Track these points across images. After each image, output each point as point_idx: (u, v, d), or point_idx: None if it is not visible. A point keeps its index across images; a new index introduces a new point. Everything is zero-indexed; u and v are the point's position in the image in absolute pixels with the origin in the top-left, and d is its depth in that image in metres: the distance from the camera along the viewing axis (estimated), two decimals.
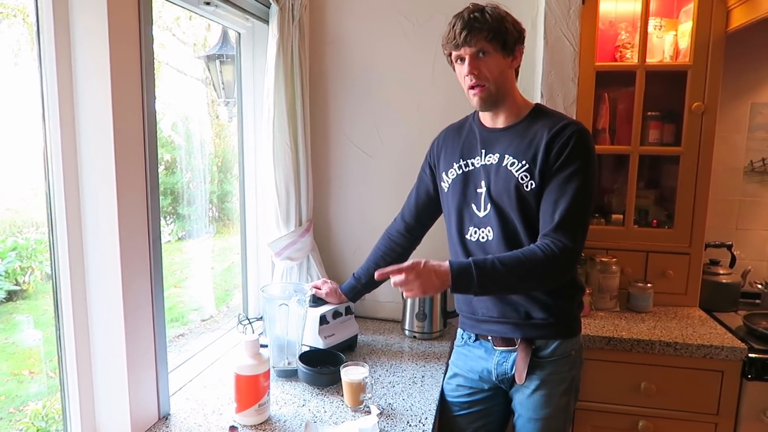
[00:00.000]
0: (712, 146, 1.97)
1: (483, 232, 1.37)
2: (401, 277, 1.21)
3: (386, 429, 1.28)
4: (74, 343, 1.18)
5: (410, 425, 1.30)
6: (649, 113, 2.05)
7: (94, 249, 1.16)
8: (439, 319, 1.88)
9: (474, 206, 1.39)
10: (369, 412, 1.33)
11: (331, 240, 2.12)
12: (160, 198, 1.27)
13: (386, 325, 2.01)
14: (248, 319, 1.83)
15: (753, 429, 1.70)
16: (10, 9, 1.26)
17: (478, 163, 1.38)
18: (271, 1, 1.69)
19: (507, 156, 1.33)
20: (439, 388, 1.50)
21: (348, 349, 1.73)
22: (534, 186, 1.28)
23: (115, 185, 1.12)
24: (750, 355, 1.67)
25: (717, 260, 2.13)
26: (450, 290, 1.23)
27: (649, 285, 2.02)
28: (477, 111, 1.45)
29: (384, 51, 1.97)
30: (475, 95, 1.32)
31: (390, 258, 1.64)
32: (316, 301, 1.70)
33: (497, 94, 1.32)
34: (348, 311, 1.75)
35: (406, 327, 1.90)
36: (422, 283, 1.20)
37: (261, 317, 1.69)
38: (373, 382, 1.52)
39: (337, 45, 2.00)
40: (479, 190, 1.37)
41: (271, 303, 1.54)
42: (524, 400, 1.38)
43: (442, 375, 1.57)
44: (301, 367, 1.49)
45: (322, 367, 1.50)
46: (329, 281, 1.76)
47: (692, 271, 2.05)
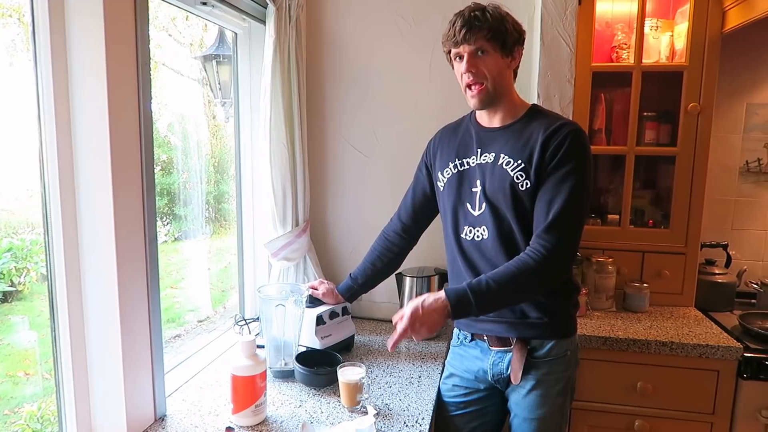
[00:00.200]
0: (708, 147, 1.97)
1: (478, 231, 1.37)
2: (405, 328, 1.22)
3: (383, 429, 1.28)
4: (70, 345, 1.17)
5: (407, 425, 1.30)
6: (646, 114, 2.06)
7: (90, 250, 1.16)
8: None
9: (469, 205, 1.39)
10: (366, 413, 1.33)
11: (328, 240, 2.12)
12: (157, 198, 1.26)
13: (383, 326, 2.01)
14: (245, 320, 1.83)
15: (748, 428, 1.71)
16: (6, 9, 1.25)
17: (474, 163, 1.38)
18: (268, 2, 1.69)
19: (502, 155, 1.33)
20: (436, 389, 1.50)
21: (345, 350, 1.73)
22: (529, 185, 1.29)
23: (111, 186, 1.12)
24: (745, 355, 1.68)
25: (713, 260, 2.14)
26: (452, 319, 1.26)
27: (645, 285, 2.02)
28: (474, 111, 1.46)
29: (381, 51, 1.97)
30: (473, 96, 1.32)
31: (387, 258, 1.64)
32: (313, 302, 1.70)
33: (494, 94, 1.32)
34: (345, 312, 1.75)
35: None
36: (428, 326, 1.23)
37: (258, 318, 1.69)
38: (370, 383, 1.52)
39: (334, 45, 2.00)
40: (474, 189, 1.38)
41: (268, 303, 1.54)
42: (520, 400, 1.38)
43: (439, 375, 1.58)
44: (298, 368, 1.49)
45: (319, 368, 1.50)
46: (326, 282, 1.76)
47: (688, 271, 2.06)
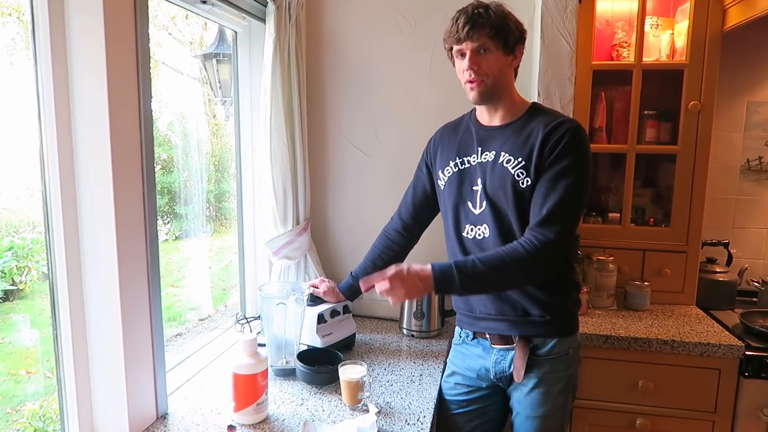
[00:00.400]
0: (709, 145, 1.97)
1: (479, 230, 1.37)
2: (386, 285, 1.22)
3: (384, 428, 1.28)
4: (71, 343, 1.17)
5: (408, 424, 1.30)
6: (646, 112, 2.06)
7: (91, 248, 1.16)
8: (437, 318, 1.88)
9: (470, 204, 1.39)
10: (367, 411, 1.33)
11: (329, 239, 2.12)
12: (157, 197, 1.27)
13: (384, 324, 2.01)
14: (246, 318, 1.83)
15: (750, 427, 1.71)
16: (5, 8, 1.25)
17: (474, 161, 1.38)
18: (268, 0, 1.69)
19: (503, 153, 1.33)
20: (437, 387, 1.50)
21: (346, 348, 1.73)
22: (530, 183, 1.28)
23: (112, 184, 1.12)
24: (747, 353, 1.68)
25: (714, 258, 2.14)
26: (434, 292, 1.25)
27: (646, 283, 2.02)
28: (474, 110, 1.46)
29: (381, 50, 1.97)
30: (473, 89, 1.32)
31: (388, 257, 1.64)
32: (314, 300, 1.70)
33: (494, 90, 1.32)
34: (346, 310, 1.75)
35: (404, 326, 1.90)
36: (407, 289, 1.23)
37: (259, 316, 1.69)
38: (371, 381, 1.52)
39: (334, 44, 2.00)
40: (475, 188, 1.37)
41: (269, 302, 1.54)
42: (522, 398, 1.38)
43: (440, 373, 1.58)
44: (299, 366, 1.49)
45: (320, 366, 1.50)
46: (327, 280, 1.76)
47: (689, 270, 2.05)
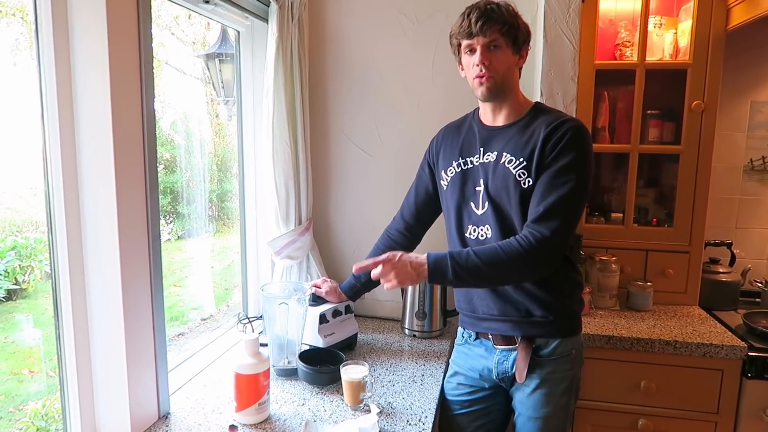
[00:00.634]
0: (712, 145, 1.97)
1: (482, 230, 1.37)
2: (378, 269, 1.26)
3: (386, 428, 1.28)
4: (74, 342, 1.18)
5: (410, 424, 1.30)
6: (649, 112, 2.05)
7: (94, 248, 1.16)
8: (439, 318, 1.88)
9: (472, 204, 1.39)
10: (369, 411, 1.33)
11: (331, 239, 2.12)
12: (160, 197, 1.27)
13: (386, 324, 2.01)
14: (248, 318, 1.83)
15: (753, 428, 1.70)
16: (9, 8, 1.25)
17: (477, 161, 1.38)
18: (271, 0, 1.69)
19: (505, 153, 1.33)
20: (439, 387, 1.50)
21: (348, 348, 1.73)
22: (531, 183, 1.28)
23: (115, 184, 1.12)
24: (750, 354, 1.67)
25: (717, 259, 2.13)
26: (427, 280, 1.27)
27: (649, 283, 2.02)
28: (477, 110, 1.45)
29: (384, 50, 1.97)
30: (482, 84, 1.32)
31: None
32: (316, 300, 1.70)
33: (502, 87, 1.33)
34: (348, 310, 1.75)
35: (406, 326, 1.90)
36: (398, 274, 1.26)
37: (261, 316, 1.69)
38: (373, 381, 1.52)
39: (337, 43, 2.00)
40: (477, 188, 1.37)
41: (271, 302, 1.54)
42: (524, 399, 1.38)
43: (442, 374, 1.57)
44: (301, 366, 1.49)
45: (322, 366, 1.50)
46: (329, 280, 1.76)
47: (692, 270, 2.05)
